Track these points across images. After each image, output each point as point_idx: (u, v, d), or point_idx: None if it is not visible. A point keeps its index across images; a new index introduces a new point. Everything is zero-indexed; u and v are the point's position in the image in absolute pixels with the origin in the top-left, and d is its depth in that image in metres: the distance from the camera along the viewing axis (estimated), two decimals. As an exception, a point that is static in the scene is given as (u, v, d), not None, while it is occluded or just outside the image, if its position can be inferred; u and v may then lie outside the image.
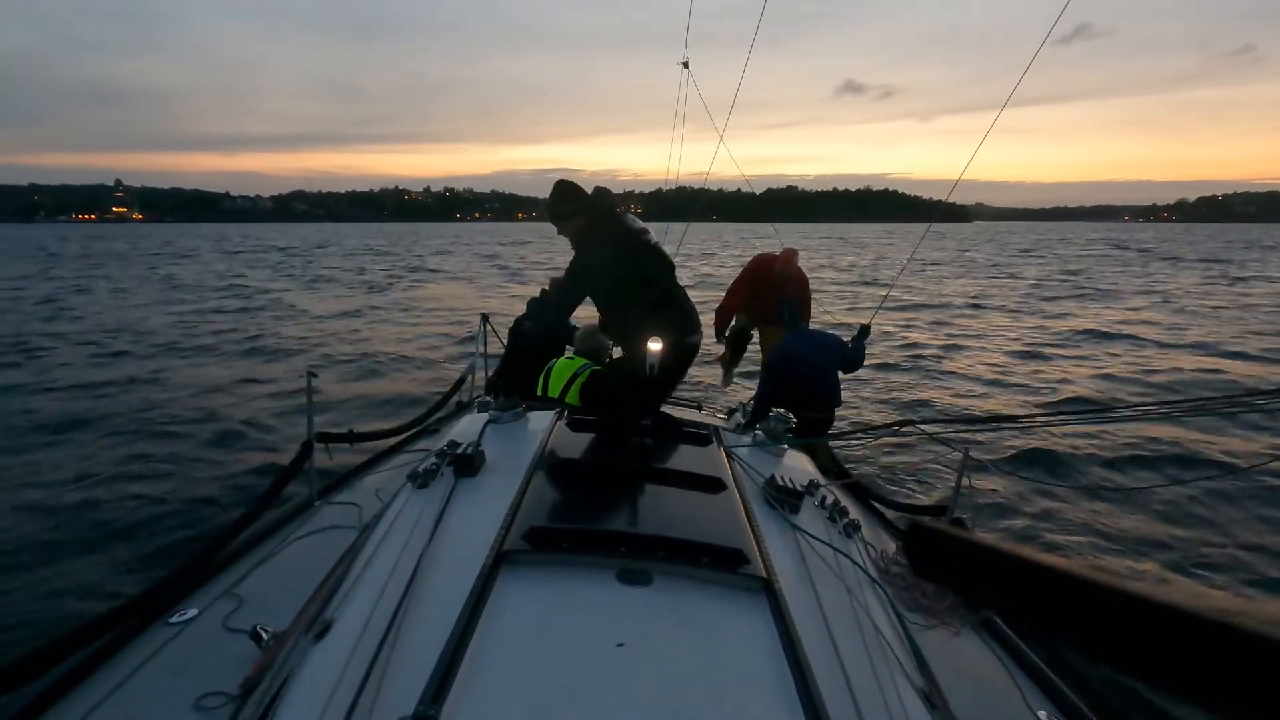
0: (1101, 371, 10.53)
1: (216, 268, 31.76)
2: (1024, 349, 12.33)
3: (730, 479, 1.92)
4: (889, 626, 1.59)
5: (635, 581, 1.39)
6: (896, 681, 1.35)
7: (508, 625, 1.24)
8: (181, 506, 5.04)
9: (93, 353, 11.32)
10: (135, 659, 1.89)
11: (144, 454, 6.17)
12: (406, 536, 1.59)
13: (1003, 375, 10.41)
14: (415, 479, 1.85)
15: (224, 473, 5.78)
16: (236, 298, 19.65)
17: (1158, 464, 6.41)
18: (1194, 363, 11.07)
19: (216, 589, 2.27)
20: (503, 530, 1.49)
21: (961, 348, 12.50)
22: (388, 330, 14.27)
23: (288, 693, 1.24)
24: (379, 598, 1.36)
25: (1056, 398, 9.00)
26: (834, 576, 1.63)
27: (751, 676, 1.20)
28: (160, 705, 1.71)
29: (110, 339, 12.61)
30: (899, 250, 50.47)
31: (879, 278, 27.26)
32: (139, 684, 1.80)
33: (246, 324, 14.74)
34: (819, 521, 1.91)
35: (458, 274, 29.64)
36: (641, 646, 1.21)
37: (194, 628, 2.05)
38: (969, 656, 2.16)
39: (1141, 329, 14.47)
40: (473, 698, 1.07)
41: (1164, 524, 5.19)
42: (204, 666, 1.84)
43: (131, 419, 7.35)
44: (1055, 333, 14.10)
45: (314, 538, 2.63)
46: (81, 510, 4.86)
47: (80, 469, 5.83)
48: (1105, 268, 33.35)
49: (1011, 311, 17.70)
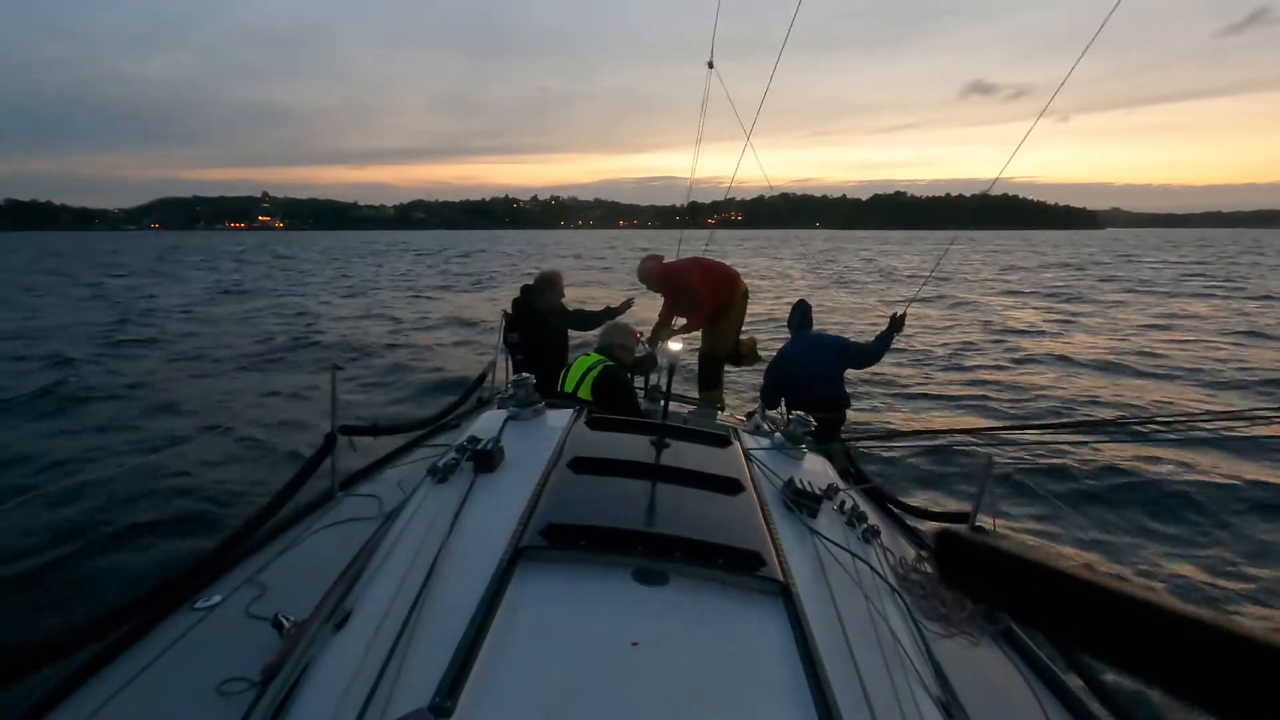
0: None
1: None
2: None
3: (748, 481, 1.91)
4: (907, 634, 1.57)
5: (651, 581, 1.39)
6: (913, 690, 1.34)
7: (524, 620, 1.25)
8: (218, 492, 5.15)
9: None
10: (161, 643, 1.93)
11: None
12: (425, 530, 1.60)
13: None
14: (435, 473, 1.86)
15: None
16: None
17: (1189, 479, 6.26)
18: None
19: (240, 576, 2.31)
20: (520, 526, 1.50)
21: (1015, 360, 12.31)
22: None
23: (307, 681, 1.26)
24: (398, 590, 1.38)
25: (1085, 411, 8.83)
26: (851, 582, 1.62)
27: (766, 680, 1.19)
28: (184, 690, 1.75)
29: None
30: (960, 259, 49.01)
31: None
32: (164, 668, 1.84)
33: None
34: (837, 526, 1.89)
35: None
36: (656, 646, 1.21)
37: (218, 614, 2.09)
38: (988, 666, 2.12)
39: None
40: (488, 691, 1.08)
41: (1196, 545, 5.07)
42: (226, 652, 1.87)
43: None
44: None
45: (335, 529, 2.67)
46: (125, 493, 4.98)
47: (137, 447, 5.99)
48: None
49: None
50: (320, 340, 13.45)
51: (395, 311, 18.51)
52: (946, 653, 1.98)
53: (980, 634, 2.25)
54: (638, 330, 4.13)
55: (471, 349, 12.21)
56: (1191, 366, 11.31)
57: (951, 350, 12.61)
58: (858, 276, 27.47)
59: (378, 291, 24.94)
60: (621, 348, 3.65)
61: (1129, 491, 5.91)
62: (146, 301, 20.93)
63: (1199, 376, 10.72)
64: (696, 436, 2.22)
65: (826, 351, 4.50)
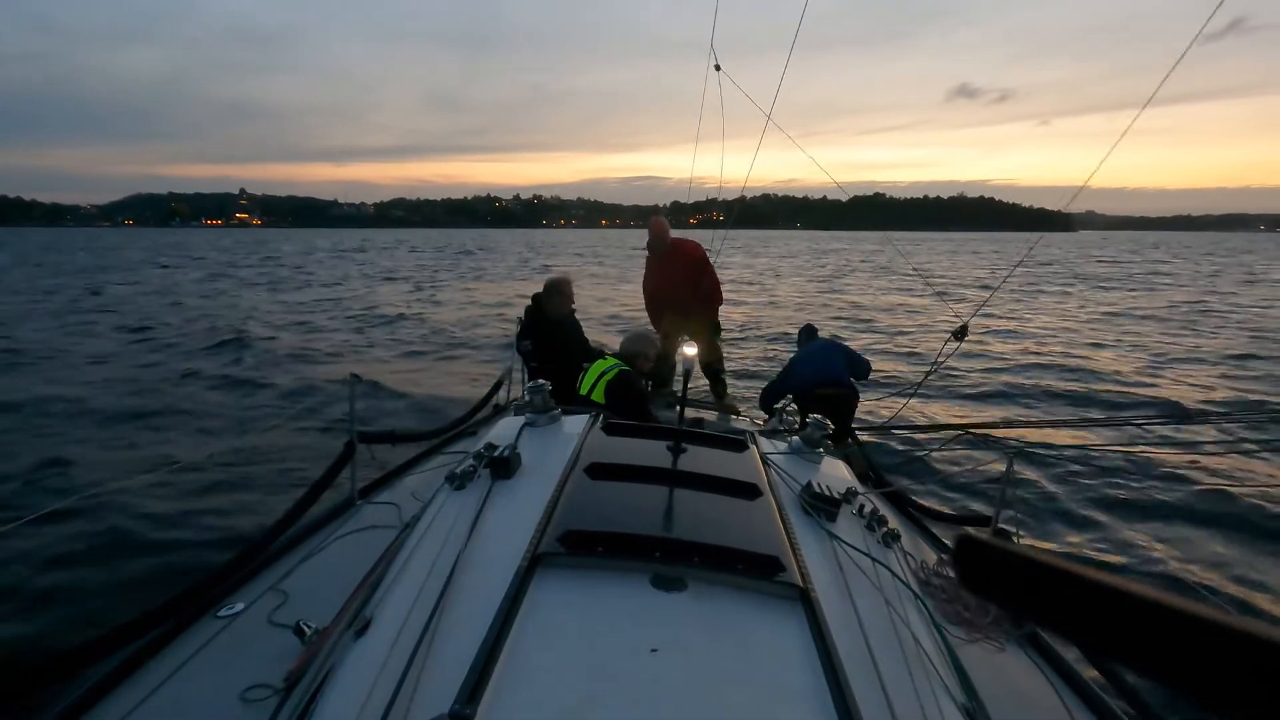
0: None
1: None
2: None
3: (766, 485, 1.90)
4: (929, 639, 1.55)
5: (669, 587, 1.38)
6: (937, 696, 1.32)
7: (542, 627, 1.25)
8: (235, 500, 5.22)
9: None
10: (186, 650, 1.96)
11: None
12: (444, 537, 1.61)
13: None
14: (453, 480, 1.87)
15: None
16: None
17: (1219, 481, 6.11)
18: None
19: (263, 584, 2.34)
20: (538, 533, 1.50)
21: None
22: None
23: (329, 687, 1.27)
24: (417, 597, 1.39)
25: (1102, 412, 8.68)
26: (872, 586, 1.60)
27: (786, 686, 1.18)
28: (209, 696, 1.78)
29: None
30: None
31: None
32: (189, 674, 1.87)
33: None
34: (857, 530, 1.87)
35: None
36: (675, 652, 1.21)
37: (241, 621, 2.12)
38: (1013, 672, 2.09)
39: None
40: (507, 697, 1.08)
41: (1222, 546, 4.95)
42: (250, 659, 1.90)
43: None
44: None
45: (355, 536, 2.70)
46: (146, 500, 5.06)
47: (158, 454, 6.09)
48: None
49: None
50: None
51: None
52: (970, 658, 1.95)
53: (1005, 639, 2.21)
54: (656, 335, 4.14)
55: (485, 355, 12.26)
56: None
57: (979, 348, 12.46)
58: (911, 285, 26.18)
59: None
60: (642, 357, 3.65)
61: (1156, 494, 5.79)
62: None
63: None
64: (713, 441, 2.21)
65: (835, 352, 4.84)
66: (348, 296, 22.14)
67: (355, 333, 14.83)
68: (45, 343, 12.60)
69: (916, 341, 13.63)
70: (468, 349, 12.97)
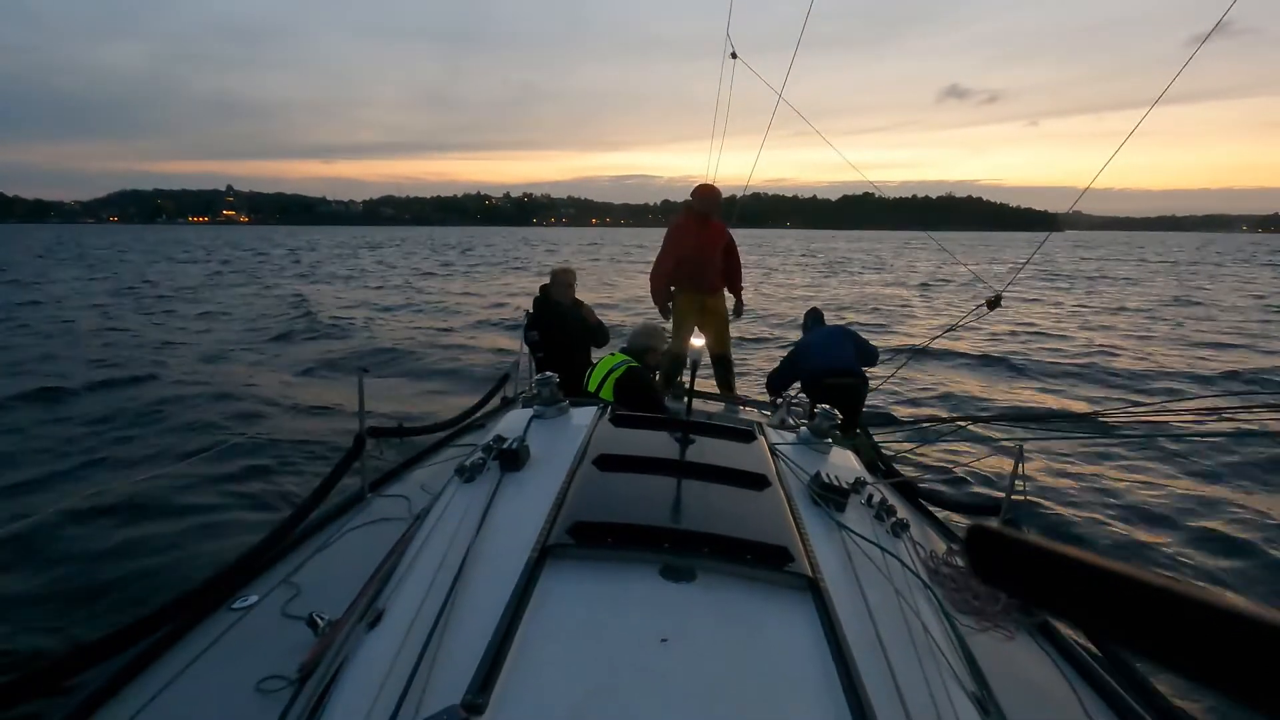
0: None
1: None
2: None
3: (774, 475, 1.90)
4: (939, 628, 1.55)
5: (679, 578, 1.39)
6: (947, 685, 1.32)
7: (552, 618, 1.26)
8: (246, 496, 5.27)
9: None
10: (201, 643, 1.99)
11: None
12: (454, 529, 1.62)
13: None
14: (462, 473, 1.88)
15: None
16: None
17: (1228, 467, 6.07)
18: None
19: (276, 576, 2.36)
20: (547, 525, 1.51)
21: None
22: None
23: (343, 678, 1.29)
24: (428, 588, 1.40)
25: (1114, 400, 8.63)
26: (881, 576, 1.60)
27: (796, 675, 1.19)
28: (225, 688, 1.80)
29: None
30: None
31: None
32: (204, 667, 1.89)
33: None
34: (866, 520, 1.87)
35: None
36: (685, 642, 1.21)
37: (255, 614, 2.15)
38: (1024, 661, 2.09)
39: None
40: (519, 688, 1.09)
41: (1238, 530, 4.92)
42: (264, 651, 1.92)
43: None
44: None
45: (366, 529, 2.72)
46: (160, 496, 5.11)
47: (167, 450, 6.15)
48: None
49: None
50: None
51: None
52: (980, 647, 1.95)
53: (1015, 628, 2.21)
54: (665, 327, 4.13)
55: (494, 347, 12.30)
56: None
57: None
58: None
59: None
60: (651, 351, 3.64)
61: (1168, 480, 5.76)
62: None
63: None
64: (721, 432, 2.21)
65: (843, 337, 4.79)
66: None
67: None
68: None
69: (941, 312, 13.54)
70: (485, 330, 13.11)
